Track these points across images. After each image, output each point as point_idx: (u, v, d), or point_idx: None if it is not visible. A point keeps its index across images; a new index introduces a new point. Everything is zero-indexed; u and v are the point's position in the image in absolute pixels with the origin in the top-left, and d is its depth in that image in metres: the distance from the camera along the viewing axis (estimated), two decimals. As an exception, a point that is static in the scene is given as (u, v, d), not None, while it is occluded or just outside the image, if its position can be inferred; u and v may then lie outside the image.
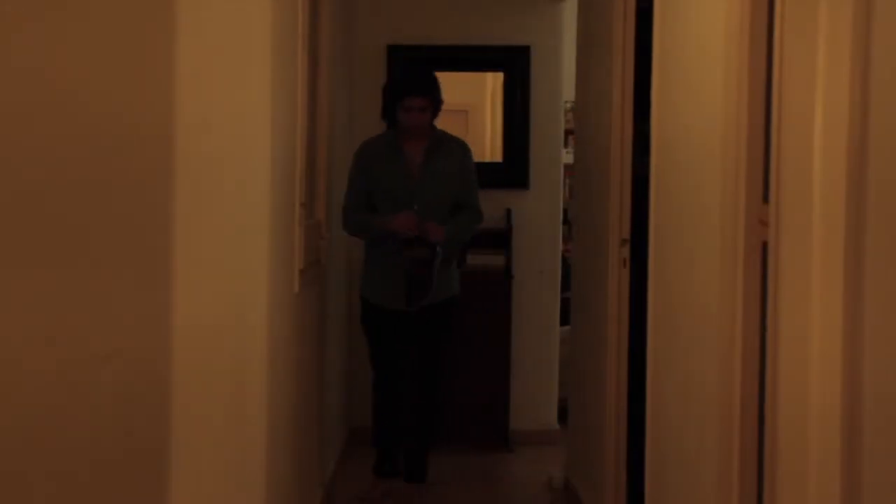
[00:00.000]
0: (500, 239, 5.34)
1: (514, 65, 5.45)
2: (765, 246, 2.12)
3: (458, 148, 4.39)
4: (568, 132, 5.73)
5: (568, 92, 5.34)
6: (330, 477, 4.40)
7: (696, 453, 2.53)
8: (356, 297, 4.58)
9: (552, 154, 5.52)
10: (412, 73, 4.42)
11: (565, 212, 5.65)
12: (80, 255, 1.38)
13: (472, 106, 6.07)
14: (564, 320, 5.46)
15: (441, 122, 4.39)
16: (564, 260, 5.61)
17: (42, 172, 1.26)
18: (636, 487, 3.43)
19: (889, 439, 1.64)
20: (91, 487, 1.44)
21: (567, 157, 5.63)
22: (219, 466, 2.10)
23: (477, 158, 4.54)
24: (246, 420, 2.39)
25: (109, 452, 1.48)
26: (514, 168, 5.50)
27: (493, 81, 5.84)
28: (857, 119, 1.69)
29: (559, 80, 5.48)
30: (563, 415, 5.17)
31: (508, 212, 5.44)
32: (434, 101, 4.24)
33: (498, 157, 5.59)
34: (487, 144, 5.88)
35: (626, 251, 3.64)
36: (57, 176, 1.31)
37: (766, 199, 2.10)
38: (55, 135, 1.30)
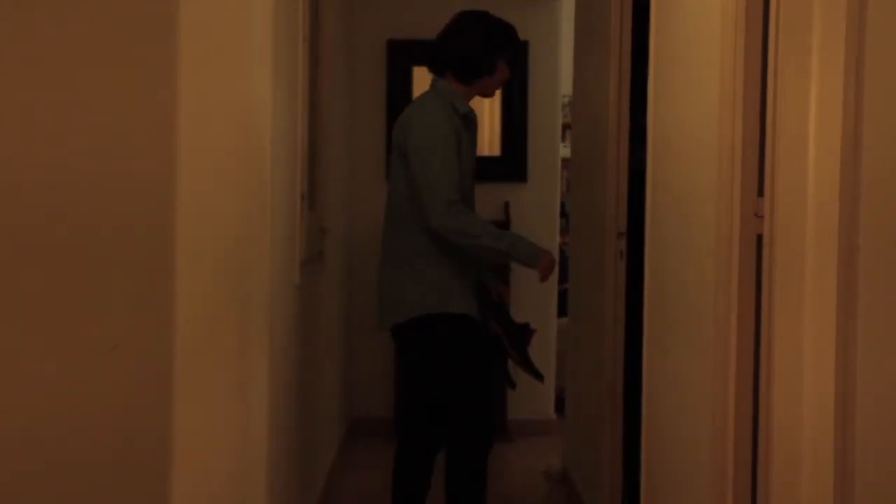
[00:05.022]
0: (499, 232, 5.36)
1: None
2: (760, 239, 2.15)
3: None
4: (566, 126, 5.76)
5: (566, 86, 5.36)
6: (330, 468, 4.43)
7: (691, 443, 2.55)
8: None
9: (550, 148, 5.55)
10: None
11: (563, 205, 5.69)
12: (82, 251, 1.39)
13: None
14: (562, 312, 5.50)
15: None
16: (562, 252, 5.65)
17: (43, 170, 1.28)
18: (632, 477, 3.47)
19: (882, 426, 1.67)
20: (91, 486, 1.45)
21: (565, 150, 5.65)
22: (219, 462, 2.10)
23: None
24: (247, 413, 2.40)
25: (110, 450, 1.49)
26: (512, 162, 5.52)
27: (491, 76, 5.85)
28: (851, 112, 1.71)
29: (557, 74, 5.51)
30: (560, 405, 5.21)
31: (507, 205, 5.47)
32: None
33: (496, 151, 5.61)
34: (486, 138, 5.89)
35: (622, 244, 3.67)
36: (58, 173, 1.32)
37: (761, 192, 2.13)
38: (55, 133, 1.31)
